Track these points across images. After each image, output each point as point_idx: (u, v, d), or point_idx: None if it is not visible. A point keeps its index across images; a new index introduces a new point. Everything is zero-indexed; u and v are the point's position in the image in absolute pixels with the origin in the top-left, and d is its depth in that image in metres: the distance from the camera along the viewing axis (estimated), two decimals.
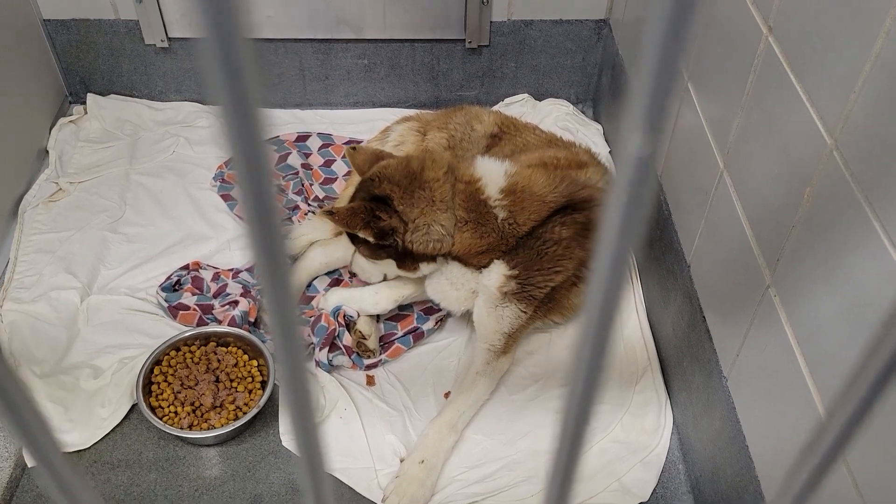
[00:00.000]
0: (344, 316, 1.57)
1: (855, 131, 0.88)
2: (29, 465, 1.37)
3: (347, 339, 1.54)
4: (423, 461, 1.35)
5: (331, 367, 1.52)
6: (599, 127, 2.02)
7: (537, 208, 1.41)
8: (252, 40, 0.21)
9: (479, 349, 1.49)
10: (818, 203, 0.95)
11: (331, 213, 1.39)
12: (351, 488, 1.37)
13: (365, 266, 1.55)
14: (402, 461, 1.38)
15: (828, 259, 0.93)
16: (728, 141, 1.21)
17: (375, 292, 1.57)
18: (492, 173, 1.43)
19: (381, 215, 1.38)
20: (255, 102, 0.22)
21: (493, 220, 1.40)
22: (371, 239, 1.41)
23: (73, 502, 0.32)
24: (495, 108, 2.04)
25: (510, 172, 1.44)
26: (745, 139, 1.16)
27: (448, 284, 1.48)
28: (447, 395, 1.50)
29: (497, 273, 1.43)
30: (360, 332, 1.54)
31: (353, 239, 1.47)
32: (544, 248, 1.43)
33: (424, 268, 1.45)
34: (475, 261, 1.44)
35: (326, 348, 1.51)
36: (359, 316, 1.57)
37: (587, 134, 2.00)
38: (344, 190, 1.82)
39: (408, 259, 1.43)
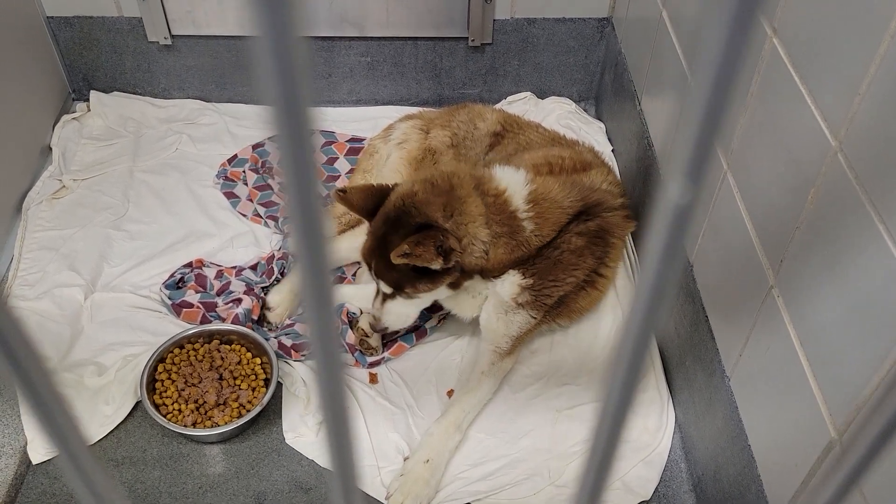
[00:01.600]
0: (347, 314, 1.57)
1: (859, 133, 0.88)
2: (34, 462, 1.37)
3: (350, 336, 1.54)
4: (427, 460, 1.36)
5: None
6: (602, 125, 2.02)
7: (558, 216, 1.40)
8: (305, 38, 0.21)
9: (484, 350, 1.49)
10: (822, 204, 0.95)
11: (407, 255, 1.27)
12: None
13: (401, 311, 1.43)
14: (406, 459, 1.39)
15: (831, 260, 0.93)
16: (732, 142, 1.21)
17: None
18: (514, 184, 1.40)
19: (445, 241, 1.29)
20: (306, 101, 0.22)
21: (522, 232, 1.38)
22: (439, 266, 1.31)
23: (96, 495, 0.32)
24: (498, 105, 2.04)
25: (528, 180, 1.42)
26: (749, 140, 1.16)
27: (466, 294, 1.47)
28: (450, 392, 1.50)
29: (511, 283, 1.43)
30: (362, 329, 1.55)
31: (406, 282, 1.35)
32: (560, 256, 1.43)
33: (465, 284, 1.41)
34: (495, 272, 1.42)
35: (341, 347, 1.51)
36: (361, 313, 1.57)
37: (589, 132, 2.00)
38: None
39: (459, 279, 1.38)
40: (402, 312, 1.44)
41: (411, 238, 1.28)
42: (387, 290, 1.39)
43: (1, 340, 0.25)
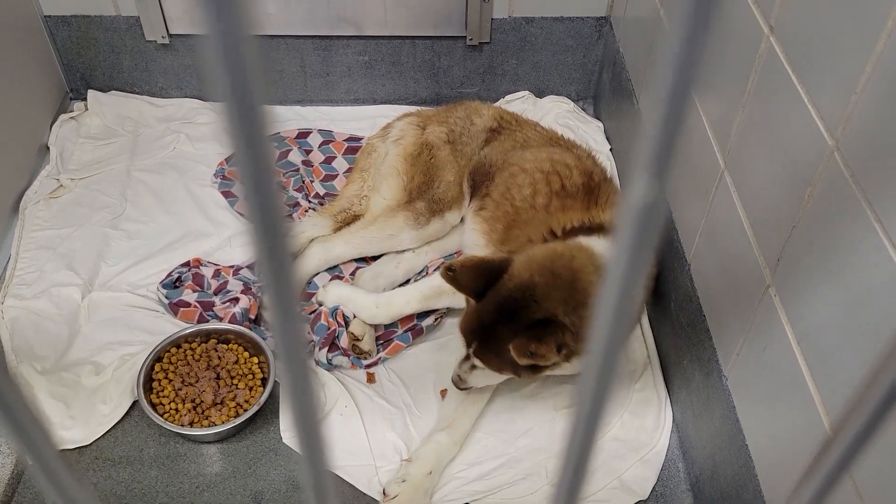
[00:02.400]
0: (342, 316, 1.57)
1: (856, 132, 0.88)
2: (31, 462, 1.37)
3: (345, 340, 1.54)
4: (430, 472, 1.35)
5: (330, 367, 1.52)
6: (600, 124, 2.02)
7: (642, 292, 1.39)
8: (255, 37, 0.21)
9: None
10: (819, 203, 0.95)
11: (532, 354, 1.20)
12: (351, 486, 1.37)
13: (489, 379, 1.37)
14: (408, 461, 1.37)
15: (828, 259, 0.93)
16: (729, 141, 1.21)
17: (376, 305, 1.55)
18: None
19: (563, 337, 1.21)
20: (258, 100, 0.22)
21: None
22: (555, 360, 1.24)
23: (70, 502, 0.32)
24: (496, 105, 2.04)
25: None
26: (746, 139, 1.16)
27: None
28: (443, 392, 1.50)
29: None
30: (352, 333, 1.54)
31: (509, 369, 1.29)
32: None
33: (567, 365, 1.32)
34: None
35: (326, 348, 1.51)
36: (354, 317, 1.57)
37: (588, 131, 2.00)
38: (344, 187, 1.82)
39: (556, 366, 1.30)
40: (489, 378, 1.38)
41: (533, 334, 1.20)
42: (480, 365, 1.32)
43: None
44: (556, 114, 2.05)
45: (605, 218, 1.47)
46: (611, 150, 1.95)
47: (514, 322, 1.23)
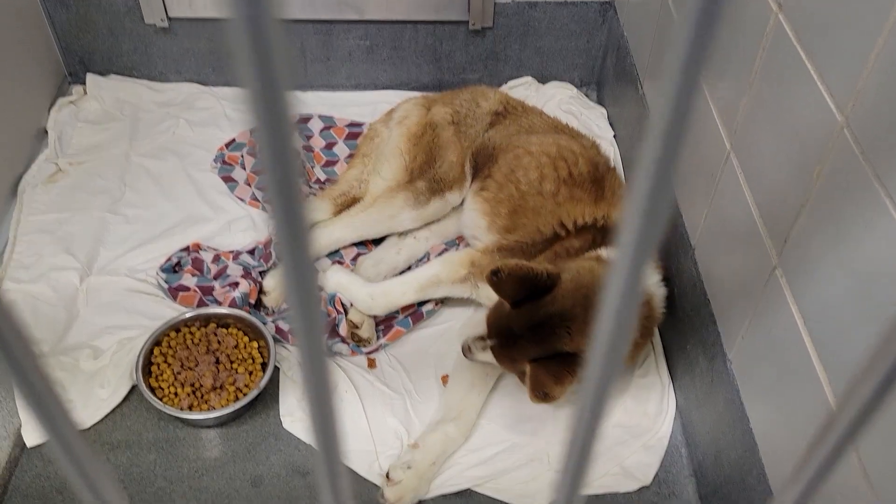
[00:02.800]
0: (340, 303, 1.55)
1: (866, 108, 0.86)
2: (29, 445, 1.36)
3: (345, 327, 1.52)
4: (434, 462, 1.34)
5: (330, 354, 1.51)
6: (604, 111, 2.01)
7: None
8: (282, 20, 0.20)
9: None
10: (828, 182, 0.94)
11: (546, 395, 1.23)
12: (352, 471, 1.36)
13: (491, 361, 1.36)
14: (414, 446, 1.36)
15: (837, 238, 0.91)
16: (735, 121, 1.20)
17: (371, 297, 1.52)
18: (655, 287, 1.39)
19: (578, 371, 1.22)
20: (284, 85, 0.21)
21: (652, 334, 1.41)
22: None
23: (88, 481, 0.31)
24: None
25: (659, 279, 1.40)
26: (753, 119, 1.14)
27: None
28: (445, 378, 1.48)
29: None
30: (351, 321, 1.53)
31: (516, 371, 1.33)
32: None
33: None
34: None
35: (325, 335, 1.50)
36: (352, 305, 1.55)
37: (591, 117, 1.98)
38: (345, 171, 1.80)
39: None
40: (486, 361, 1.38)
41: (552, 371, 1.22)
42: (491, 357, 1.33)
43: None
44: (560, 100, 2.03)
45: (616, 215, 1.46)
46: (614, 136, 1.93)
47: (543, 344, 1.23)
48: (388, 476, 1.32)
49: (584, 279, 1.26)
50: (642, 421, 1.44)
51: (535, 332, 1.23)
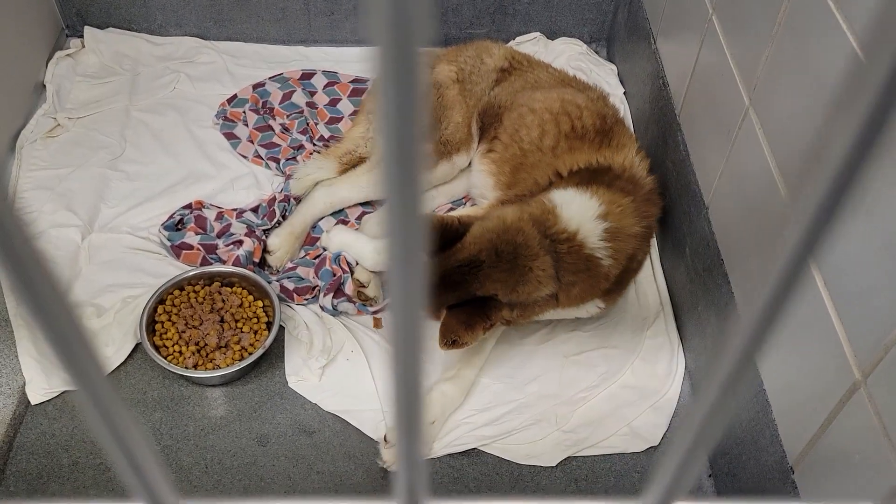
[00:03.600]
0: (347, 261, 1.53)
1: None
2: (33, 402, 1.35)
3: (350, 286, 1.51)
4: (433, 422, 1.33)
5: (336, 313, 1.49)
6: (613, 67, 1.96)
7: (632, 246, 1.35)
8: None
9: None
10: None
11: (455, 342, 1.26)
12: (357, 430, 1.35)
13: None
14: None
15: (863, 196, 0.88)
16: (755, 76, 1.16)
17: (377, 252, 1.51)
18: (586, 221, 1.31)
19: (494, 318, 1.27)
20: (419, 42, 0.18)
21: (602, 268, 1.32)
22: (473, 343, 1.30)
23: (115, 431, 0.28)
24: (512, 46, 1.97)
25: (601, 213, 1.33)
26: (775, 73, 1.10)
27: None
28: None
29: (590, 311, 1.41)
30: (357, 280, 1.51)
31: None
32: (627, 277, 1.40)
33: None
34: (573, 305, 1.37)
35: (331, 294, 1.48)
36: (357, 264, 1.53)
37: (601, 74, 1.93)
38: (350, 129, 1.77)
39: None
40: None
41: (462, 318, 1.25)
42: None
43: (9, 259, 0.21)
44: (569, 56, 1.98)
45: (616, 160, 1.42)
46: (624, 93, 1.89)
47: (456, 291, 1.26)
48: (385, 439, 1.31)
49: (491, 224, 1.29)
50: (651, 382, 1.43)
51: (447, 280, 1.26)
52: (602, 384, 1.42)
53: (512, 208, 1.34)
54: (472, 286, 1.25)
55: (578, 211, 1.31)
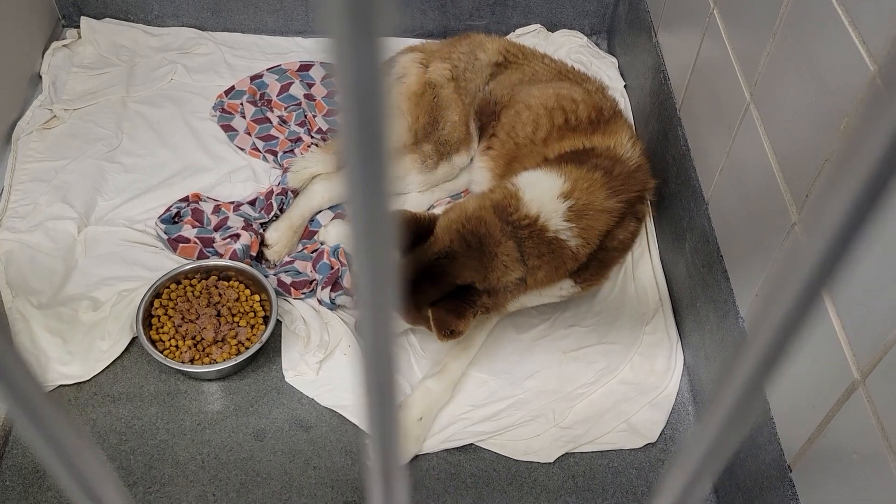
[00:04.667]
0: (345, 254, 1.52)
1: None
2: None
3: (349, 279, 1.50)
4: (421, 418, 1.33)
5: (334, 307, 1.49)
6: (614, 60, 1.95)
7: (605, 222, 1.33)
8: None
9: None
10: None
11: (452, 333, 1.26)
12: (354, 425, 1.35)
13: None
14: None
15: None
16: (756, 71, 1.15)
17: None
18: (548, 202, 1.30)
19: (480, 304, 1.29)
20: (377, 32, 0.17)
21: (567, 249, 1.31)
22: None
23: (60, 453, 0.27)
24: (506, 38, 1.95)
25: (565, 191, 1.31)
26: (776, 69, 1.09)
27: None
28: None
29: (564, 289, 1.40)
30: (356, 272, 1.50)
31: (425, 324, 1.32)
32: (608, 256, 1.38)
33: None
34: (543, 287, 1.36)
35: (329, 288, 1.47)
36: None
37: (601, 67, 1.92)
38: None
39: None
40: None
41: (450, 308, 1.26)
42: (404, 326, 1.36)
43: None
44: (569, 49, 1.97)
45: (602, 142, 1.42)
46: (625, 86, 1.87)
47: (436, 284, 1.27)
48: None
49: (454, 215, 1.31)
50: (649, 378, 1.42)
51: (426, 274, 1.27)
52: (600, 380, 1.42)
53: (474, 197, 1.37)
54: (452, 276, 1.27)
55: (541, 192, 1.32)
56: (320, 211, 1.64)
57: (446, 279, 1.27)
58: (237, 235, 1.53)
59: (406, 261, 1.29)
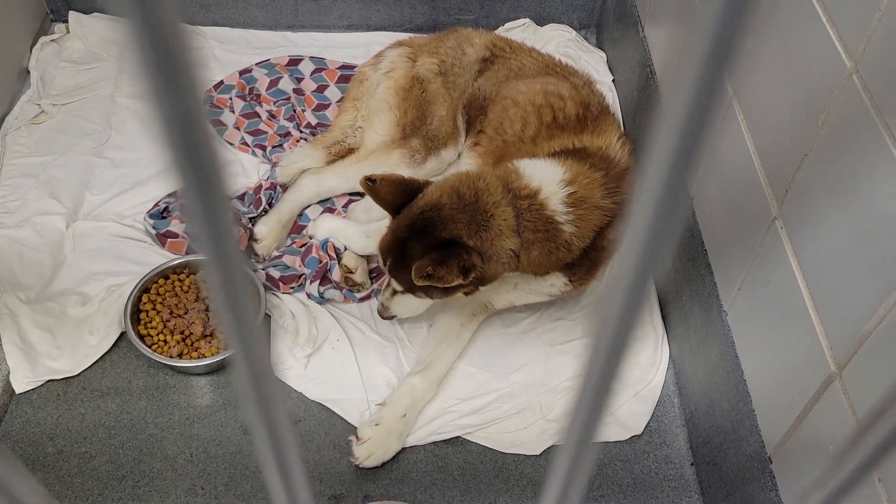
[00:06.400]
0: (333, 248, 1.53)
1: (878, 53, 0.82)
2: (17, 392, 1.35)
3: (337, 273, 1.50)
4: (405, 415, 1.33)
5: (322, 301, 1.49)
6: (603, 54, 1.95)
7: (599, 219, 1.32)
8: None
9: (472, 301, 1.43)
10: (834, 130, 0.90)
11: (429, 276, 1.20)
12: (342, 419, 1.36)
13: (411, 304, 1.36)
14: (381, 405, 1.35)
15: (841, 188, 0.89)
16: (737, 66, 1.15)
17: (366, 235, 1.51)
18: (549, 183, 1.30)
19: (468, 259, 1.23)
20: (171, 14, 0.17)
21: (561, 235, 1.29)
22: (459, 282, 1.24)
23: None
24: (495, 32, 1.95)
25: (566, 178, 1.31)
26: (756, 64, 1.10)
27: (511, 287, 1.42)
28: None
29: (555, 286, 1.39)
30: (346, 266, 1.51)
31: (420, 288, 1.27)
32: (601, 254, 1.38)
33: (485, 288, 1.33)
34: (537, 272, 1.35)
35: (318, 281, 1.48)
36: (346, 249, 1.53)
37: (590, 61, 1.92)
38: (337, 117, 1.76)
39: (475, 289, 1.32)
40: (412, 305, 1.37)
41: (434, 257, 1.21)
42: (398, 288, 1.33)
43: None
44: (557, 43, 1.97)
45: (593, 143, 1.42)
46: (613, 80, 1.88)
47: (424, 240, 1.24)
48: (357, 436, 1.31)
49: (450, 176, 1.31)
50: (634, 371, 1.43)
51: (414, 231, 1.25)
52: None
53: (469, 169, 1.36)
54: (436, 229, 1.24)
55: (542, 174, 1.31)
56: (309, 205, 1.64)
57: (432, 232, 1.24)
58: None
59: (398, 219, 1.27)
